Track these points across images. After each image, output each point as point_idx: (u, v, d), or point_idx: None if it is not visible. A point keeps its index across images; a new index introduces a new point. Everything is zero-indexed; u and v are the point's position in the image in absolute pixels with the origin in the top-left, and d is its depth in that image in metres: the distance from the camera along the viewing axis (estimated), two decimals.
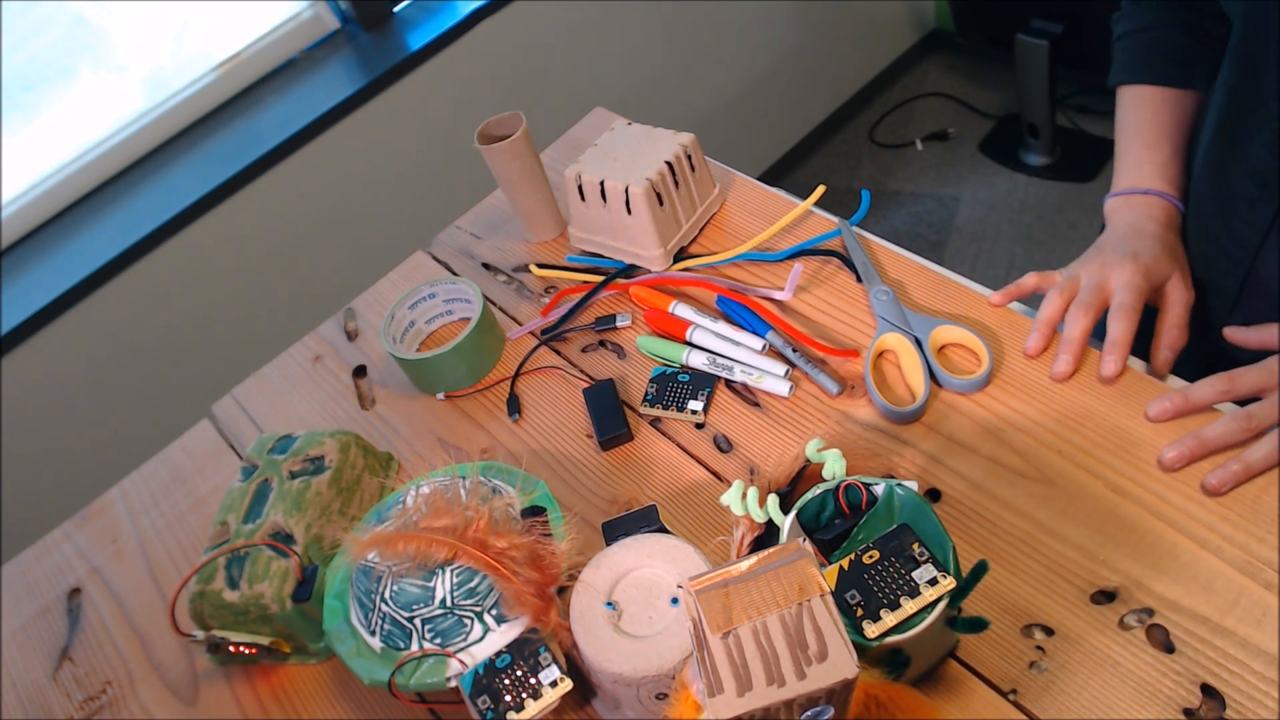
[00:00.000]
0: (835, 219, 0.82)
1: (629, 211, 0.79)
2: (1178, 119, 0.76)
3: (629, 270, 0.83)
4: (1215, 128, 0.70)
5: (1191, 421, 0.61)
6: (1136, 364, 0.65)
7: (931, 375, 0.68)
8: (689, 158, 0.81)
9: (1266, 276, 0.70)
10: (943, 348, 0.70)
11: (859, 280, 0.77)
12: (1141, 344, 0.68)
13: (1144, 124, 0.76)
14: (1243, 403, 0.60)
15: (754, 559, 0.43)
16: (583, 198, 0.82)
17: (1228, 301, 0.73)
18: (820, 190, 0.82)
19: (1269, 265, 0.69)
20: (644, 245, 0.81)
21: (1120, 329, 0.64)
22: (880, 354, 0.71)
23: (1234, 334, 0.66)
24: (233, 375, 0.97)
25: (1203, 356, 0.77)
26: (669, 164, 0.79)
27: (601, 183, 0.79)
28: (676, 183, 0.81)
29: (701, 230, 0.86)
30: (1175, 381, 0.64)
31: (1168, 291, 0.68)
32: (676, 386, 0.73)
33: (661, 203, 0.79)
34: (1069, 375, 0.65)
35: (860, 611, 0.48)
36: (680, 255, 0.84)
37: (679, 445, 0.71)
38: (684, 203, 0.82)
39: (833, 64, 2.36)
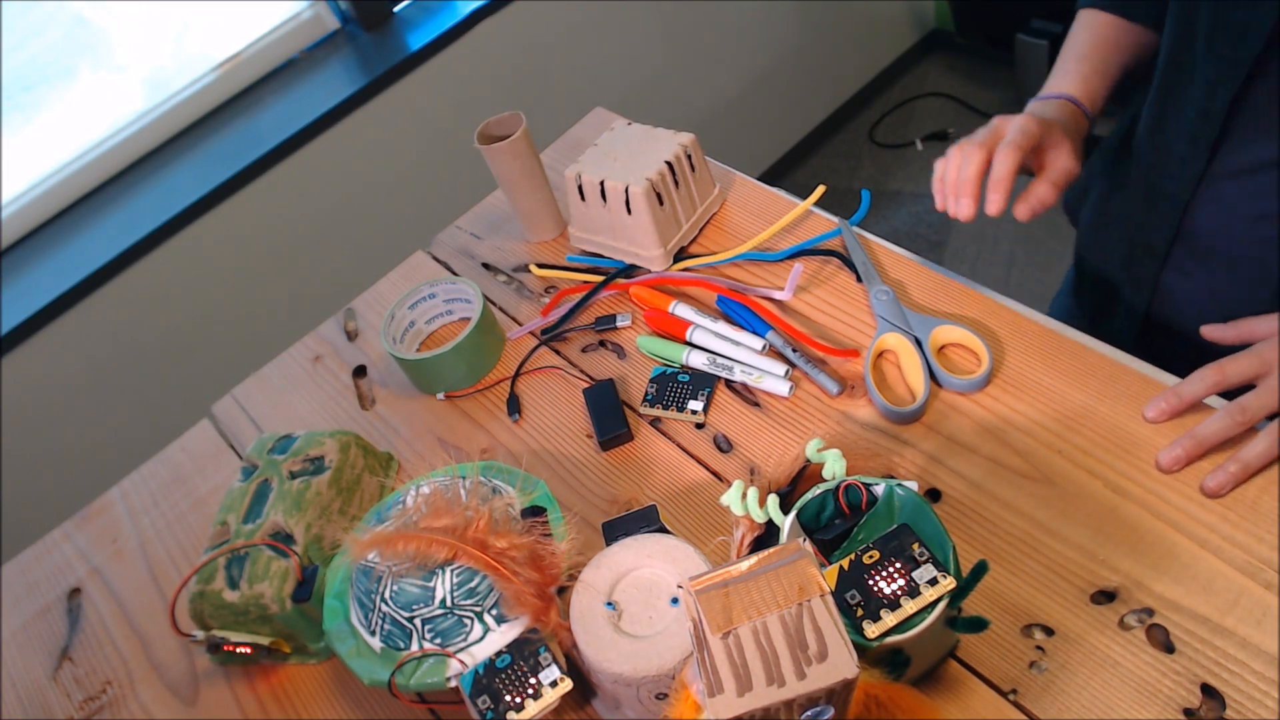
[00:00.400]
0: (835, 219, 0.82)
1: (629, 211, 0.79)
2: (1115, 43, 0.77)
3: (629, 270, 0.83)
4: (1158, 83, 0.72)
5: (1190, 419, 0.61)
6: (1136, 364, 0.65)
7: (931, 375, 0.68)
8: (689, 158, 0.81)
9: (1194, 233, 0.71)
10: (943, 348, 0.70)
11: (859, 280, 0.77)
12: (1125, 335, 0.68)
13: (1082, 42, 0.77)
14: (1235, 394, 0.59)
15: (754, 559, 0.43)
16: (583, 198, 0.82)
17: (1158, 258, 0.75)
18: (820, 190, 0.82)
19: (1196, 222, 0.70)
20: (644, 245, 0.81)
21: (1003, 164, 0.63)
22: (880, 354, 0.71)
23: (1211, 332, 0.66)
24: (233, 375, 0.97)
25: (1140, 313, 0.79)
26: (669, 164, 0.79)
27: (601, 183, 0.79)
28: (676, 183, 0.81)
29: (701, 230, 0.86)
30: (1169, 379, 0.64)
31: (1055, 157, 0.68)
32: (676, 386, 0.73)
33: (661, 203, 0.79)
34: (971, 216, 0.65)
35: (860, 611, 0.48)
36: (680, 255, 0.84)
37: (679, 445, 0.71)
38: (684, 203, 0.82)
39: (833, 64, 2.36)
